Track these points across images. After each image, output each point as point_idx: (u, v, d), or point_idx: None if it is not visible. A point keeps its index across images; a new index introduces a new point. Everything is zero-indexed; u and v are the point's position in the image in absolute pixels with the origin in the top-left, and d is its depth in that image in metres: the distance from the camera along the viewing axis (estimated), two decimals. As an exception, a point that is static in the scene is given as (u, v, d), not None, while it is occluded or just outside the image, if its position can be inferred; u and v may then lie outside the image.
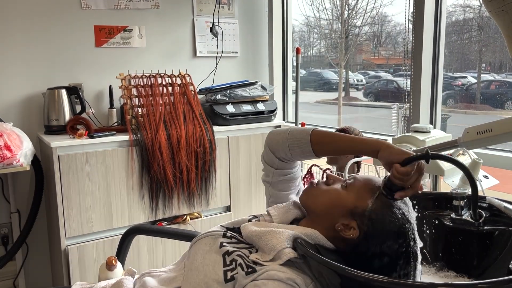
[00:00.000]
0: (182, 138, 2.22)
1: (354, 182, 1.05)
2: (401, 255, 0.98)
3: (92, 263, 2.09)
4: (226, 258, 1.00)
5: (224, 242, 1.05)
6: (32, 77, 2.31)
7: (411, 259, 0.99)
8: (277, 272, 0.93)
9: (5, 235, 2.30)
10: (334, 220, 1.01)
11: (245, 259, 0.99)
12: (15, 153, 1.91)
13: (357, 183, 1.04)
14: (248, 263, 0.98)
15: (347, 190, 1.03)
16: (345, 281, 0.87)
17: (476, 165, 1.44)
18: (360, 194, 1.01)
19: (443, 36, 2.00)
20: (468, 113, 3.54)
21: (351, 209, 1.00)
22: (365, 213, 0.99)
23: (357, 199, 1.01)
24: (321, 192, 1.06)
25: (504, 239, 1.06)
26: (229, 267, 0.98)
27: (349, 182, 1.05)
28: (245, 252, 1.01)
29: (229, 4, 2.80)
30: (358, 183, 1.04)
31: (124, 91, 2.27)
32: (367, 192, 1.01)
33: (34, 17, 2.28)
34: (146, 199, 2.21)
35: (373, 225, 0.98)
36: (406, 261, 0.99)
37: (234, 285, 0.96)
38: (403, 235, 0.98)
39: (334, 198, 1.03)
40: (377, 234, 0.98)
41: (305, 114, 2.85)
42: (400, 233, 0.98)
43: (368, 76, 5.96)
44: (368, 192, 1.01)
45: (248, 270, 0.96)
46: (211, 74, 2.73)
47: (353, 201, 1.01)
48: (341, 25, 5.15)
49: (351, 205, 1.01)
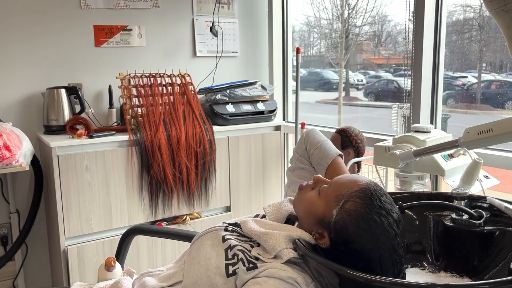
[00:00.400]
0: (182, 138, 2.21)
1: (326, 188, 1.00)
2: (383, 260, 0.91)
3: (92, 263, 2.09)
4: (228, 252, 1.00)
5: (227, 235, 1.05)
6: (31, 77, 2.30)
7: (393, 267, 0.92)
8: (278, 270, 0.93)
9: (4, 236, 2.30)
10: (310, 227, 0.99)
11: (247, 254, 0.99)
12: (15, 153, 1.91)
13: (328, 189, 0.99)
14: (249, 258, 0.98)
15: (320, 197, 0.99)
16: (344, 281, 0.86)
17: (476, 165, 1.44)
18: (328, 202, 0.97)
19: (444, 35, 1.99)
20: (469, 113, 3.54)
21: (320, 218, 0.97)
22: (331, 224, 0.94)
23: (325, 207, 0.97)
24: (301, 197, 1.04)
25: (504, 239, 1.06)
26: (231, 261, 0.98)
27: (324, 187, 1.01)
28: (247, 247, 1.01)
29: (229, 4, 2.79)
30: (329, 189, 0.99)
31: (123, 91, 2.27)
32: (333, 201, 0.96)
33: (34, 17, 2.28)
34: (146, 199, 2.20)
35: (339, 236, 0.92)
36: (394, 264, 0.92)
37: (235, 280, 0.96)
38: (375, 243, 0.90)
39: (308, 206, 1.01)
40: (346, 244, 0.92)
41: (305, 114, 2.84)
42: (372, 242, 0.90)
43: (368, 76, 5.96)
44: (334, 200, 0.95)
45: (249, 266, 0.96)
46: (211, 74, 2.73)
47: (322, 209, 0.97)
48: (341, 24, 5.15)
49: (320, 214, 0.97)
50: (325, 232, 0.95)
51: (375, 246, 0.90)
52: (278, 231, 1.01)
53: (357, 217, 0.91)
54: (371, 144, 1.88)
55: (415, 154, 1.50)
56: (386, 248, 0.90)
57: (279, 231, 1.00)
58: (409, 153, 1.51)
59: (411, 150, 1.52)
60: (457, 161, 1.57)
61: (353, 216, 0.91)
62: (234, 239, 1.03)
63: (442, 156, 1.55)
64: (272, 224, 1.06)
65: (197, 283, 1.01)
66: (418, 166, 1.57)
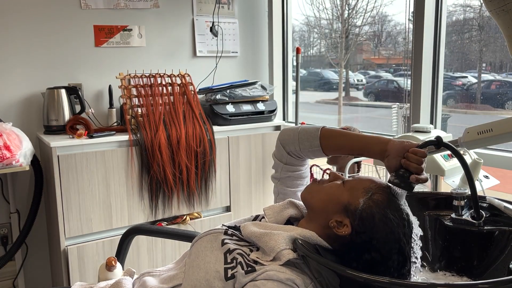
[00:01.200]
0: (182, 138, 2.21)
1: (351, 180, 1.06)
2: (392, 258, 0.97)
3: (92, 263, 2.09)
4: (227, 256, 1.01)
5: (226, 239, 1.05)
6: (31, 77, 2.30)
7: (405, 264, 0.98)
8: (276, 273, 0.93)
9: (4, 235, 2.30)
10: (328, 216, 1.02)
11: (246, 257, 1.00)
12: (15, 153, 1.91)
13: (353, 180, 1.05)
14: (248, 262, 0.99)
15: (344, 186, 1.04)
16: (344, 281, 0.86)
17: (476, 165, 1.44)
18: (354, 191, 1.02)
19: (444, 35, 1.99)
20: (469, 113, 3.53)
21: (345, 205, 1.01)
22: (357, 211, 0.99)
23: (351, 196, 1.01)
24: (320, 188, 1.08)
25: (504, 239, 1.06)
26: (230, 265, 0.99)
27: (348, 179, 1.07)
28: (246, 251, 1.02)
29: (229, 4, 2.80)
30: (355, 181, 1.05)
31: (123, 91, 2.27)
32: (361, 191, 1.01)
33: (34, 17, 2.28)
34: (146, 199, 2.20)
35: (363, 224, 0.97)
36: (399, 265, 0.97)
37: (234, 283, 0.97)
38: (394, 238, 0.97)
39: (331, 193, 1.04)
40: (367, 233, 0.97)
41: (305, 114, 2.84)
42: (390, 236, 0.97)
43: (368, 76, 5.95)
44: (362, 190, 1.01)
45: (247, 269, 0.96)
46: (211, 74, 2.73)
47: (347, 197, 1.01)
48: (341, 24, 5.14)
49: (345, 201, 1.01)
50: (346, 220, 0.99)
51: (391, 238, 0.96)
52: (278, 231, 1.01)
53: (385, 208, 0.98)
54: (371, 144, 1.88)
55: (415, 154, 1.50)
56: (398, 243, 0.97)
57: (279, 231, 1.00)
58: (409, 153, 1.51)
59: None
60: (457, 161, 1.56)
61: (381, 207, 0.98)
62: (233, 243, 1.04)
63: (442, 156, 1.55)
64: (272, 225, 1.06)
65: (196, 286, 1.01)
66: (418, 166, 1.57)
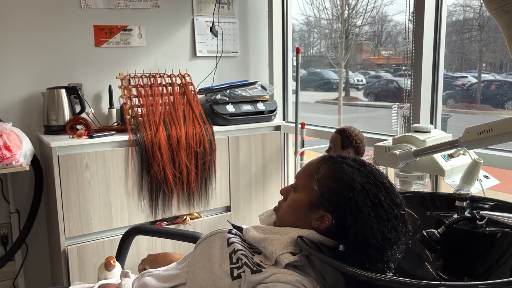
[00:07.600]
0: (182, 138, 2.21)
1: (296, 182, 1.08)
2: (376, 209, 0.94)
3: (92, 263, 2.09)
4: (233, 256, 1.01)
5: (231, 238, 1.06)
6: (31, 77, 2.30)
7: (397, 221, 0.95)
8: (285, 275, 0.94)
9: (4, 235, 2.30)
10: (307, 221, 1.02)
11: (250, 259, 1.00)
12: (15, 153, 1.91)
13: (298, 179, 1.07)
14: (252, 262, 0.99)
15: (297, 192, 1.06)
16: (347, 279, 0.87)
17: (476, 165, 1.44)
18: (305, 186, 1.03)
19: (444, 35, 1.99)
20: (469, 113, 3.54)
21: (310, 203, 1.01)
22: (320, 198, 0.99)
23: (307, 192, 1.02)
24: (284, 208, 1.09)
25: (506, 240, 1.06)
26: (236, 265, 0.99)
27: (293, 183, 1.09)
28: (249, 254, 1.02)
29: (229, 4, 2.79)
30: (299, 179, 1.07)
31: (123, 91, 2.27)
32: (308, 181, 1.03)
33: (34, 17, 2.28)
34: (146, 199, 2.20)
35: (332, 202, 0.98)
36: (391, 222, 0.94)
37: (240, 283, 0.97)
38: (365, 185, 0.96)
39: (293, 206, 1.06)
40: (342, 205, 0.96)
41: (305, 114, 2.84)
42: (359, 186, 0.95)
43: (368, 76, 5.95)
44: (309, 179, 1.03)
45: (254, 269, 0.97)
46: (211, 74, 2.73)
47: (306, 196, 1.02)
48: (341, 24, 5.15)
49: (308, 200, 1.02)
50: (320, 211, 1.00)
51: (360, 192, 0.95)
52: (277, 235, 1.01)
53: (332, 173, 1.00)
54: (371, 144, 1.88)
55: (415, 154, 1.50)
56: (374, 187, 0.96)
57: (278, 235, 1.01)
58: (409, 153, 1.51)
59: (411, 150, 1.52)
60: (457, 161, 1.57)
61: (331, 174, 1.00)
62: (238, 243, 1.04)
63: (442, 156, 1.55)
64: (272, 229, 1.06)
65: (202, 287, 1.01)
66: (418, 166, 1.57)
